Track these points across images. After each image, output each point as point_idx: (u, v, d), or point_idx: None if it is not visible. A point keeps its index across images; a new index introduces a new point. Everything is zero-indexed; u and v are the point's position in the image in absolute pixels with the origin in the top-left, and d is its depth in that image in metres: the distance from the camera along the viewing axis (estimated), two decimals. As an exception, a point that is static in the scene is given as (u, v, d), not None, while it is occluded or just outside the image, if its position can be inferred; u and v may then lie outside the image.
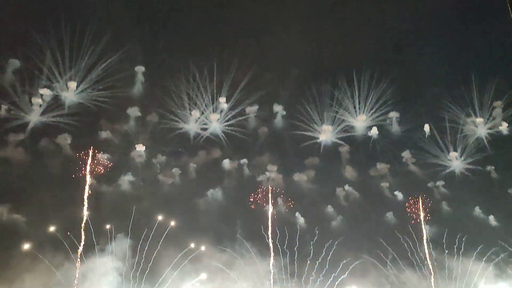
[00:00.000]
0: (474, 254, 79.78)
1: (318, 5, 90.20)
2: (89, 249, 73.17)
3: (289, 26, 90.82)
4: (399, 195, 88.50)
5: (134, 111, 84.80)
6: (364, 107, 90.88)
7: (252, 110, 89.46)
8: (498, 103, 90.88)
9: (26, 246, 70.74)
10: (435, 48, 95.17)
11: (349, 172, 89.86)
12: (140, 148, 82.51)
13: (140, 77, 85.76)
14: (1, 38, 74.87)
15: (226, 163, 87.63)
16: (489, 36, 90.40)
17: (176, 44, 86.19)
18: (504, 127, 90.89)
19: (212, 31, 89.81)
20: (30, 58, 78.73)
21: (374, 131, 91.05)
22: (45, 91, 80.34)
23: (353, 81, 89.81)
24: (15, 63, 79.01)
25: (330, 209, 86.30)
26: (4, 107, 77.15)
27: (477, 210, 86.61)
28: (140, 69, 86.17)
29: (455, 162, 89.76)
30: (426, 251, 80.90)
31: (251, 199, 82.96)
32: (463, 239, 79.97)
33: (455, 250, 79.88)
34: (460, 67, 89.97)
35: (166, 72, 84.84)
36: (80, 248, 72.65)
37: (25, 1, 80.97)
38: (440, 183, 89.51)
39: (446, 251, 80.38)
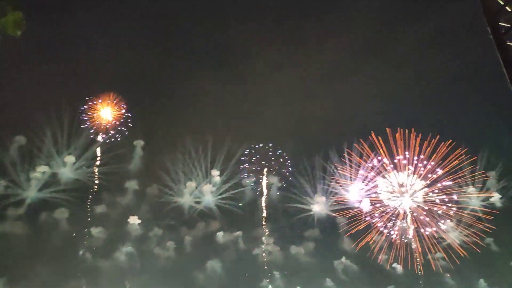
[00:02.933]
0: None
1: (310, 82, 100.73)
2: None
3: (280, 100, 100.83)
4: (398, 267, 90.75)
5: (132, 185, 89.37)
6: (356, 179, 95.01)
7: (247, 182, 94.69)
8: (492, 174, 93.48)
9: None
10: (425, 118, 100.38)
11: (347, 244, 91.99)
12: (134, 221, 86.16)
13: (138, 151, 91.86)
14: (8, 117, 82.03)
15: (220, 236, 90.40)
16: (481, 106, 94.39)
17: (173, 120, 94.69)
18: (496, 199, 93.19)
19: (207, 108, 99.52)
20: (31, 137, 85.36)
21: (366, 203, 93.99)
22: (43, 168, 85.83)
23: (344, 153, 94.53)
24: (21, 139, 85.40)
25: (329, 283, 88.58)
26: (3, 183, 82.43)
27: (482, 283, 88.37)
28: (139, 143, 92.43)
29: (452, 233, 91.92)
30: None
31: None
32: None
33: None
34: (452, 136, 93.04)
35: (163, 147, 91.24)
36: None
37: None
38: (439, 255, 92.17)
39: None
